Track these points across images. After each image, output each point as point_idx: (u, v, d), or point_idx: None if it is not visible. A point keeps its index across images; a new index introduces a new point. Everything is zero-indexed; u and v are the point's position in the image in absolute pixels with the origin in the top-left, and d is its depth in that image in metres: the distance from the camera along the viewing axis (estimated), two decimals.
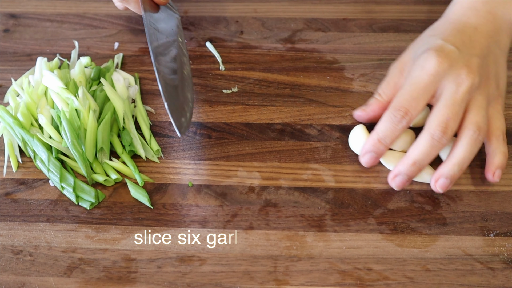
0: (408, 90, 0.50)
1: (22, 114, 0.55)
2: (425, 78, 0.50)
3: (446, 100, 0.49)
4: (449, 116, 0.49)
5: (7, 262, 0.49)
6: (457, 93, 0.49)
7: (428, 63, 0.50)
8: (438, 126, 0.49)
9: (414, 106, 0.50)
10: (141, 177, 0.53)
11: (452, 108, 0.49)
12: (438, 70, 0.50)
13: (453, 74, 0.50)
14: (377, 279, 0.47)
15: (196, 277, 0.48)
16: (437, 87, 0.50)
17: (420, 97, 0.50)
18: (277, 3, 0.71)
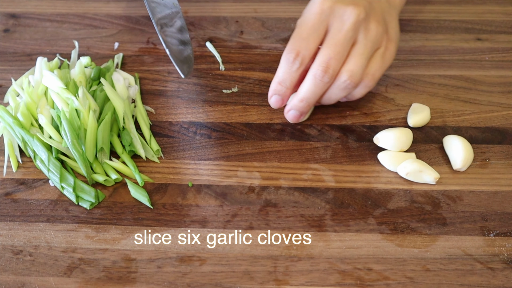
0: (298, 32, 0.52)
1: (22, 114, 0.55)
2: (311, 18, 0.51)
3: (330, 39, 0.51)
4: (330, 55, 0.50)
5: (7, 262, 0.49)
6: (341, 31, 0.51)
7: (313, 4, 0.52)
8: (319, 65, 0.51)
9: (304, 46, 0.51)
10: (141, 177, 0.53)
11: (334, 47, 0.50)
12: (323, 8, 0.51)
13: (339, 10, 0.51)
14: (377, 279, 0.48)
15: (196, 277, 0.48)
16: (326, 25, 0.51)
17: (310, 37, 0.51)
18: (277, 3, 0.71)
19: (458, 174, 0.54)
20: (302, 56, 0.51)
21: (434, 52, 0.65)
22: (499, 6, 0.70)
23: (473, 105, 0.59)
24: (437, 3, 0.71)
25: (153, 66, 0.64)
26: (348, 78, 0.52)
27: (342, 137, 0.57)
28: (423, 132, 0.57)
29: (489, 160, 0.55)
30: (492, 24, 0.68)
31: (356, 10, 0.50)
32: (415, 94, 0.61)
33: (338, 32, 0.51)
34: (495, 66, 0.63)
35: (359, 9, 0.51)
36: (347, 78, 0.52)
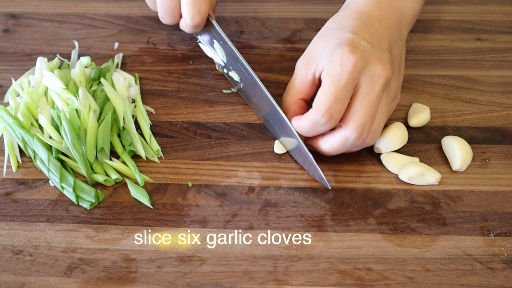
0: (331, 91, 0.49)
1: (22, 114, 0.55)
2: (345, 76, 0.49)
3: (363, 100, 0.49)
4: (366, 119, 0.49)
5: (7, 262, 0.49)
6: (373, 92, 0.49)
7: (346, 61, 0.49)
8: (356, 129, 0.50)
9: (338, 108, 0.49)
10: (141, 177, 0.53)
11: (369, 110, 0.49)
12: (357, 67, 0.49)
13: (370, 70, 0.49)
14: (377, 279, 0.47)
15: (196, 277, 0.48)
16: (357, 83, 0.50)
17: (344, 98, 0.49)
18: (277, 3, 0.71)
19: (458, 174, 0.54)
20: (335, 119, 0.49)
21: (434, 52, 0.65)
22: (499, 6, 0.70)
23: (473, 105, 0.59)
24: (437, 3, 0.71)
25: (153, 66, 0.64)
26: (372, 140, 0.52)
27: None
28: (423, 132, 0.57)
29: (489, 160, 0.55)
30: (492, 24, 0.68)
31: (385, 70, 0.50)
32: (415, 94, 0.61)
33: (371, 93, 0.49)
34: (495, 66, 0.63)
35: (388, 69, 0.50)
36: (371, 140, 0.52)
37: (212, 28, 0.59)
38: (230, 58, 0.59)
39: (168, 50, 0.66)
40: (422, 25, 0.68)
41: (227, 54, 0.59)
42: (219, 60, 0.61)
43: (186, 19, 0.57)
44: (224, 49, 0.59)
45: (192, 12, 0.57)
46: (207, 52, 0.62)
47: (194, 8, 0.57)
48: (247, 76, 0.57)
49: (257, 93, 0.56)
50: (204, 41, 0.61)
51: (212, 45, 0.60)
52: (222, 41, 0.58)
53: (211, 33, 0.59)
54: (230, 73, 0.60)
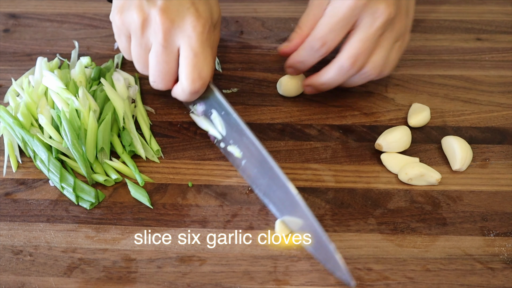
0: (328, 22, 0.52)
1: (22, 114, 0.55)
2: (344, 11, 0.51)
3: (360, 33, 0.52)
4: (360, 50, 0.52)
5: (7, 262, 0.49)
6: (372, 27, 0.51)
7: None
8: (348, 58, 0.52)
9: (332, 37, 0.52)
10: (141, 177, 0.53)
11: (364, 42, 0.52)
12: (357, 3, 0.51)
13: (372, 7, 0.51)
14: (377, 279, 0.47)
15: (196, 277, 0.48)
16: (356, 19, 0.52)
17: (339, 29, 0.52)
18: (277, 3, 0.71)
19: (458, 174, 0.54)
20: (328, 47, 0.53)
21: (434, 52, 0.65)
22: (499, 6, 0.70)
23: (473, 105, 0.59)
24: (437, 3, 0.71)
25: None
26: (371, 69, 0.53)
27: (342, 137, 0.57)
28: (423, 132, 0.57)
29: (489, 160, 0.55)
30: (492, 24, 0.68)
31: (387, 9, 0.51)
32: (415, 94, 0.61)
33: (369, 28, 0.51)
34: (495, 66, 0.63)
35: (390, 7, 0.51)
36: (371, 70, 0.53)
37: (211, 96, 0.53)
38: (232, 131, 0.52)
39: None
40: (422, 25, 0.68)
41: (228, 127, 0.53)
42: (216, 133, 0.54)
43: (184, 84, 0.51)
44: (226, 120, 0.53)
45: (193, 76, 0.50)
46: (200, 124, 0.56)
47: (195, 72, 0.50)
48: (252, 151, 0.50)
49: (264, 168, 0.50)
50: (198, 111, 0.55)
51: (208, 116, 0.54)
52: (224, 111, 0.52)
53: (209, 102, 0.54)
54: (229, 147, 0.53)
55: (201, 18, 0.50)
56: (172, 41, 0.50)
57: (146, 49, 0.51)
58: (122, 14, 0.51)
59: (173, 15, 0.49)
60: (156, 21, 0.49)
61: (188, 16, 0.49)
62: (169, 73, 0.52)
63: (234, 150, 0.53)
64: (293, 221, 0.49)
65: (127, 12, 0.51)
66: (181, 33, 0.50)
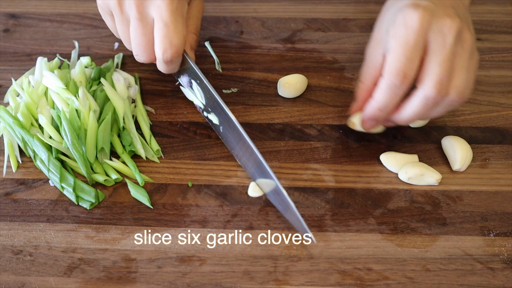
0: (400, 52, 0.47)
1: (22, 114, 0.55)
2: (412, 35, 0.47)
3: (436, 56, 0.47)
4: (442, 74, 0.47)
5: (7, 262, 0.49)
6: (445, 46, 0.47)
7: (410, 20, 0.47)
8: (433, 87, 0.47)
9: (410, 67, 0.47)
10: (141, 177, 0.53)
11: (443, 65, 0.47)
12: (422, 23, 0.47)
13: (437, 24, 0.47)
14: (377, 279, 0.47)
15: (196, 277, 0.48)
16: (426, 40, 0.48)
17: (414, 57, 0.47)
18: (277, 3, 0.71)
19: (458, 174, 0.54)
20: (410, 79, 0.47)
21: None
22: (499, 6, 0.70)
23: (473, 105, 0.59)
24: None
25: (153, 66, 0.64)
26: (456, 95, 0.48)
27: (342, 137, 0.57)
28: (423, 132, 0.57)
29: (489, 160, 0.55)
30: (492, 24, 0.68)
31: (454, 22, 0.47)
32: None
33: (443, 48, 0.47)
34: (495, 66, 0.63)
35: (456, 20, 0.48)
36: (455, 95, 0.48)
37: (188, 66, 0.55)
38: (207, 99, 0.55)
39: None
40: None
41: (205, 95, 0.55)
42: (199, 103, 0.57)
43: (157, 53, 0.52)
44: (202, 89, 0.55)
45: (164, 46, 0.51)
46: (187, 95, 0.58)
47: (166, 41, 0.51)
48: (223, 116, 0.53)
49: (235, 133, 0.52)
50: (183, 82, 0.57)
51: (191, 87, 0.56)
52: (198, 80, 0.54)
53: (189, 73, 0.56)
54: (210, 115, 0.56)
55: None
56: (146, 13, 0.51)
57: (127, 24, 0.53)
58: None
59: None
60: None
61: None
62: (148, 45, 0.53)
63: (213, 118, 0.55)
64: (264, 183, 0.52)
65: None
66: (152, 5, 0.51)
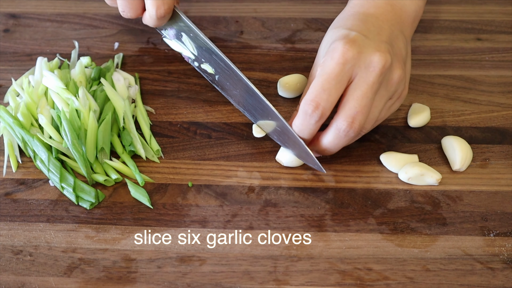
0: (319, 82, 0.48)
1: (22, 114, 0.55)
2: (334, 68, 0.47)
3: (356, 90, 0.48)
4: (357, 109, 0.48)
5: (7, 262, 0.49)
6: (367, 83, 0.48)
7: (337, 52, 0.48)
8: (345, 120, 0.48)
9: (325, 98, 0.48)
10: (141, 177, 0.53)
11: (361, 100, 0.48)
12: (346, 58, 0.47)
13: (365, 60, 0.48)
14: (377, 279, 0.47)
15: (196, 277, 0.48)
16: (350, 75, 0.48)
17: (332, 88, 0.48)
18: (277, 3, 0.71)
19: (458, 174, 0.54)
20: (322, 109, 0.48)
21: (434, 52, 0.65)
22: (499, 6, 0.70)
23: (473, 105, 0.59)
24: (437, 3, 0.71)
25: (153, 66, 0.64)
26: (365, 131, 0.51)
27: None
28: (423, 132, 0.57)
29: (489, 160, 0.55)
30: (492, 24, 0.68)
31: (382, 59, 0.48)
32: (415, 94, 0.61)
33: (364, 84, 0.48)
34: (495, 66, 0.63)
35: (386, 57, 0.48)
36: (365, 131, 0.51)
37: (179, 20, 0.56)
38: (202, 50, 0.56)
39: (168, 50, 0.66)
40: (422, 25, 0.68)
41: (198, 47, 0.56)
42: (189, 54, 0.58)
43: (150, 10, 0.54)
44: (195, 41, 0.56)
45: (157, 3, 0.53)
46: (173, 47, 0.59)
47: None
48: (222, 66, 0.55)
49: (234, 80, 0.55)
50: (170, 35, 0.58)
51: (179, 39, 0.57)
52: (192, 33, 0.56)
53: (178, 25, 0.56)
54: (203, 65, 0.57)
55: None
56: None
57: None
58: None
59: None
60: None
61: None
62: (135, 1, 0.55)
63: (207, 67, 0.57)
64: (266, 124, 0.54)
65: None
66: None
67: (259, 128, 0.55)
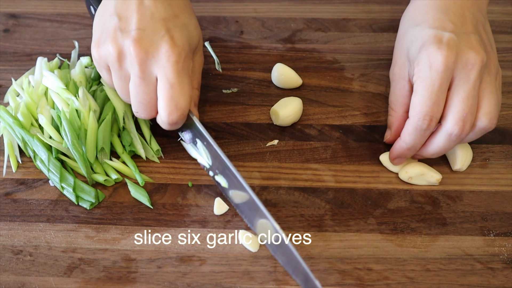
0: (426, 96, 0.48)
1: (22, 114, 0.55)
2: (438, 78, 0.48)
3: (459, 92, 0.48)
4: (465, 111, 0.48)
5: (7, 262, 0.49)
6: (469, 82, 0.48)
7: (435, 61, 0.48)
8: (456, 124, 0.48)
9: (436, 110, 0.48)
10: (141, 177, 0.53)
11: (467, 101, 0.48)
12: (447, 65, 0.47)
13: (462, 61, 0.48)
14: (377, 279, 0.47)
15: (196, 277, 0.48)
16: (451, 79, 0.48)
17: (440, 99, 0.48)
18: (277, 3, 0.71)
19: (458, 174, 0.54)
20: (436, 120, 0.49)
21: None
22: (499, 6, 0.70)
23: None
24: None
25: None
26: (487, 122, 0.49)
27: (342, 137, 0.57)
28: None
29: (489, 160, 0.55)
30: (492, 24, 0.68)
31: (478, 56, 0.48)
32: None
33: (466, 84, 0.48)
34: None
35: (480, 53, 0.48)
36: (486, 123, 0.49)
37: (193, 126, 0.52)
38: (215, 161, 0.51)
39: None
40: None
41: (212, 157, 0.51)
42: (204, 162, 0.53)
43: (162, 115, 0.50)
44: (209, 150, 0.52)
45: (170, 108, 0.49)
46: (190, 152, 0.55)
47: (172, 104, 0.49)
48: (235, 182, 0.49)
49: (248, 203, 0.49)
50: (186, 139, 0.54)
51: (195, 144, 0.53)
52: (206, 142, 0.51)
53: (193, 131, 0.53)
54: (217, 177, 0.52)
55: (176, 47, 0.48)
56: (148, 71, 0.48)
57: (126, 80, 0.50)
58: (99, 48, 0.50)
59: (147, 45, 0.48)
60: (130, 52, 0.48)
61: (162, 45, 0.48)
62: (150, 103, 0.50)
63: (221, 180, 0.51)
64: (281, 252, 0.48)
65: (103, 45, 0.49)
66: (156, 64, 0.48)
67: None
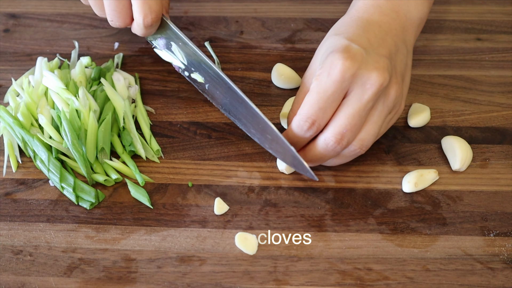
0: (315, 99, 0.47)
1: (22, 114, 0.55)
2: (331, 86, 0.46)
3: (348, 108, 0.47)
4: (346, 127, 0.47)
5: (7, 262, 0.49)
6: (361, 101, 0.47)
7: (334, 68, 0.46)
8: (334, 135, 0.48)
9: (322, 116, 0.47)
10: (141, 177, 0.53)
11: (352, 119, 0.47)
12: (344, 76, 0.46)
13: (362, 77, 0.47)
14: (377, 279, 0.48)
15: (196, 277, 0.48)
16: (346, 91, 0.47)
17: (328, 107, 0.47)
18: (277, 3, 0.71)
19: (458, 174, 0.54)
20: (318, 126, 0.48)
21: (434, 52, 0.65)
22: (499, 6, 0.70)
23: (473, 105, 0.59)
24: (437, 3, 0.71)
25: (153, 66, 0.64)
26: (358, 147, 0.49)
27: None
28: (423, 132, 0.57)
29: (489, 160, 0.55)
30: (492, 24, 0.68)
31: (380, 78, 0.47)
32: (415, 94, 0.61)
33: (358, 102, 0.47)
34: (495, 66, 0.63)
35: (383, 76, 0.47)
36: (357, 147, 0.49)
37: (168, 29, 0.55)
38: (191, 59, 0.55)
39: None
40: None
41: (188, 55, 0.55)
42: (179, 63, 0.57)
43: (137, 19, 0.53)
44: (184, 50, 0.56)
45: (144, 11, 0.53)
46: (164, 57, 0.58)
47: (145, 7, 0.53)
48: (212, 75, 0.54)
49: (224, 91, 0.53)
50: (160, 45, 0.57)
51: (169, 48, 0.57)
52: (181, 42, 0.55)
53: (167, 34, 0.56)
54: (193, 75, 0.56)
55: None
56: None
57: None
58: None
59: None
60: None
61: None
62: (123, 10, 0.54)
63: (197, 77, 0.56)
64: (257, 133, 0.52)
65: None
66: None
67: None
